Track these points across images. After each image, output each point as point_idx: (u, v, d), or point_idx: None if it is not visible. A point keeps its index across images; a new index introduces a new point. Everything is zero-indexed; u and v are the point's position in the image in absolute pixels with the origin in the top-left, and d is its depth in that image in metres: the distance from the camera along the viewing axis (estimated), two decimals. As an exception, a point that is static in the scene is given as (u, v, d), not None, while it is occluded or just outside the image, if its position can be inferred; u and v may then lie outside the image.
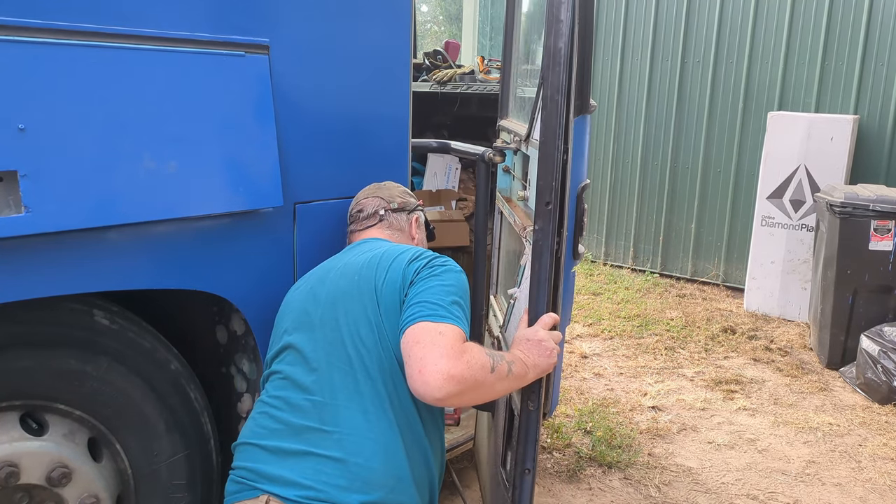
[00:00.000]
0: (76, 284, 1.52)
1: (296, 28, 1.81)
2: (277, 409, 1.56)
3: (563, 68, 1.60)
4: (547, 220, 1.67)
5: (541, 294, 1.70)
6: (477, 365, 1.44)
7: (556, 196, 1.66)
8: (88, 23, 1.44)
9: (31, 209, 1.36)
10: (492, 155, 2.22)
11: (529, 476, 1.78)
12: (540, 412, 1.76)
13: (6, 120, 1.33)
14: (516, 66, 2.66)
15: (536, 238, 1.70)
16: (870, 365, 3.94)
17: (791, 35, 5.45)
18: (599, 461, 3.21)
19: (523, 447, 1.78)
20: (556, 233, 1.69)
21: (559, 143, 1.63)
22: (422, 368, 1.39)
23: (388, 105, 2.10)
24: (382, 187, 2.00)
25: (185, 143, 1.59)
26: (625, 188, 6.52)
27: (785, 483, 3.12)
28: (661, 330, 4.96)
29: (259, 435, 1.56)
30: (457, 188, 4.01)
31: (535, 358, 1.61)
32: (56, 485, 1.61)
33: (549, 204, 1.66)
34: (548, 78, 1.62)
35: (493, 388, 1.50)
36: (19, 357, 1.56)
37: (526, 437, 1.77)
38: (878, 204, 4.14)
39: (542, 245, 1.69)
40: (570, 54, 1.60)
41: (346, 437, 1.49)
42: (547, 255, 1.69)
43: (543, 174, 1.66)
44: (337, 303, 1.61)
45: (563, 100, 1.62)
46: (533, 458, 1.78)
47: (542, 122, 1.65)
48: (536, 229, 1.69)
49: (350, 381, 1.53)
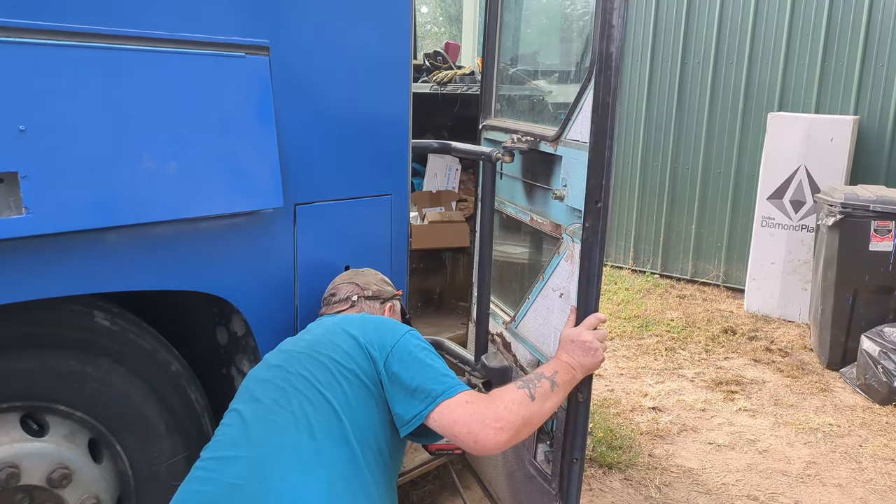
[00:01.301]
0: (76, 286, 1.52)
1: (296, 29, 1.81)
2: (209, 470, 1.48)
3: (615, 72, 1.69)
4: (597, 218, 1.76)
5: (591, 291, 1.79)
6: (515, 404, 1.53)
7: (605, 194, 1.75)
8: (89, 24, 1.44)
9: (31, 210, 1.36)
10: (500, 154, 2.22)
11: (577, 465, 1.87)
12: (589, 402, 1.84)
13: (7, 121, 1.33)
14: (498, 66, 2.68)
15: (587, 236, 1.78)
16: (870, 366, 3.94)
17: (791, 36, 5.45)
18: (600, 462, 3.21)
19: (572, 437, 1.87)
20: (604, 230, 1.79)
21: (610, 143, 1.72)
22: (476, 440, 1.48)
23: (389, 106, 2.10)
24: (360, 274, 1.98)
25: (186, 144, 1.59)
26: (625, 189, 6.52)
27: (785, 484, 3.12)
28: (662, 331, 4.95)
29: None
30: (457, 189, 4.01)
31: (580, 358, 1.71)
32: (56, 486, 1.61)
33: (598, 202, 1.75)
34: (599, 81, 1.70)
35: (543, 410, 1.59)
36: (20, 358, 1.56)
37: (576, 427, 1.86)
38: (879, 205, 4.14)
39: (591, 242, 1.77)
40: (621, 58, 1.70)
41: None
42: (597, 251, 1.78)
43: (594, 173, 1.75)
44: (298, 362, 1.59)
45: (615, 102, 1.71)
46: (582, 448, 1.88)
47: (593, 123, 1.73)
48: (587, 227, 1.77)
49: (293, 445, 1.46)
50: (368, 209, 2.10)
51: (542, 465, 2.10)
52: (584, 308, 1.81)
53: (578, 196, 1.85)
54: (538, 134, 2.17)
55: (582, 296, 1.81)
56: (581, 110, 1.88)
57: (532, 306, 2.20)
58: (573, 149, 1.94)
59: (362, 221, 2.10)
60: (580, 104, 1.88)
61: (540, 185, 2.22)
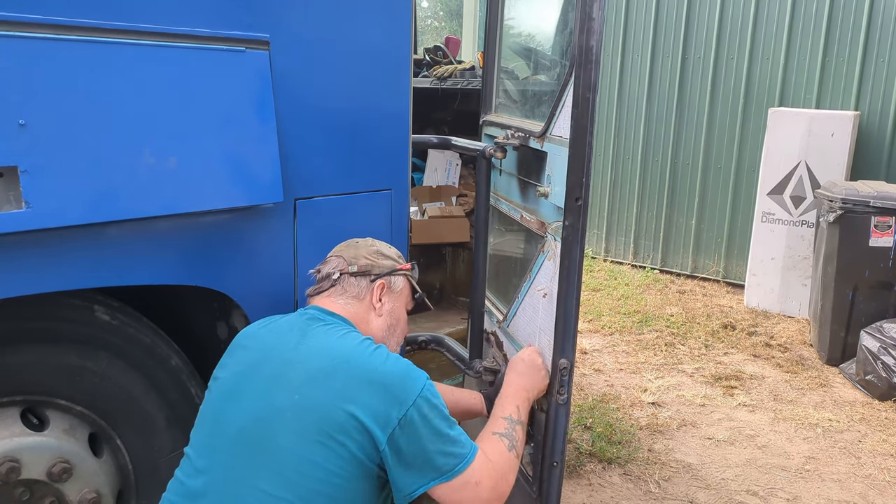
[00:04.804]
0: (76, 280, 1.52)
1: (296, 24, 1.81)
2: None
3: (596, 66, 1.63)
4: (577, 216, 1.71)
5: (570, 290, 1.74)
6: (503, 461, 1.54)
7: (586, 192, 1.70)
8: (88, 18, 1.43)
9: (31, 205, 1.36)
10: (493, 150, 2.20)
11: (557, 469, 1.81)
12: (569, 405, 1.81)
13: (7, 115, 1.33)
14: (499, 61, 2.66)
15: (566, 234, 1.73)
16: (870, 361, 3.94)
17: (792, 31, 5.44)
18: (599, 457, 3.22)
19: (552, 442, 1.81)
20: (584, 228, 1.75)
21: (590, 139, 1.67)
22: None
23: (389, 101, 2.10)
24: (352, 245, 1.78)
25: (186, 138, 1.58)
26: (625, 184, 6.51)
27: (784, 479, 3.12)
28: (662, 326, 4.96)
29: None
30: (457, 184, 4.01)
31: (532, 381, 1.75)
32: (57, 480, 1.61)
33: (578, 200, 1.70)
34: (580, 76, 1.64)
35: (520, 446, 1.63)
36: (20, 352, 1.57)
37: (555, 431, 1.80)
38: (879, 200, 4.14)
39: (571, 241, 1.73)
40: (600, 52, 1.64)
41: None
42: (577, 250, 1.73)
43: (574, 170, 1.69)
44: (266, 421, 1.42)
45: (595, 97, 1.66)
46: (562, 452, 1.82)
47: (573, 119, 1.67)
48: (567, 225, 1.72)
49: None
50: (368, 204, 2.10)
51: (524, 465, 2.07)
52: (563, 308, 1.75)
53: (561, 193, 1.81)
54: (529, 130, 2.14)
55: (562, 295, 1.76)
56: (563, 106, 1.84)
57: (521, 306, 2.17)
58: (557, 145, 1.90)
59: (362, 216, 2.09)
60: (563, 100, 1.84)
61: (531, 181, 2.19)
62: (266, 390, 1.45)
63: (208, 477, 1.42)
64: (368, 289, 1.71)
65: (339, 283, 1.69)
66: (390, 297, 1.75)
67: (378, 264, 1.74)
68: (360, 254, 1.74)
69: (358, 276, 1.70)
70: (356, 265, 1.71)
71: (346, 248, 1.77)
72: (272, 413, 1.41)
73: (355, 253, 1.74)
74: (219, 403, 1.50)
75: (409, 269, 1.81)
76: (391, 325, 1.75)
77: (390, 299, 1.75)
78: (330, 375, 1.42)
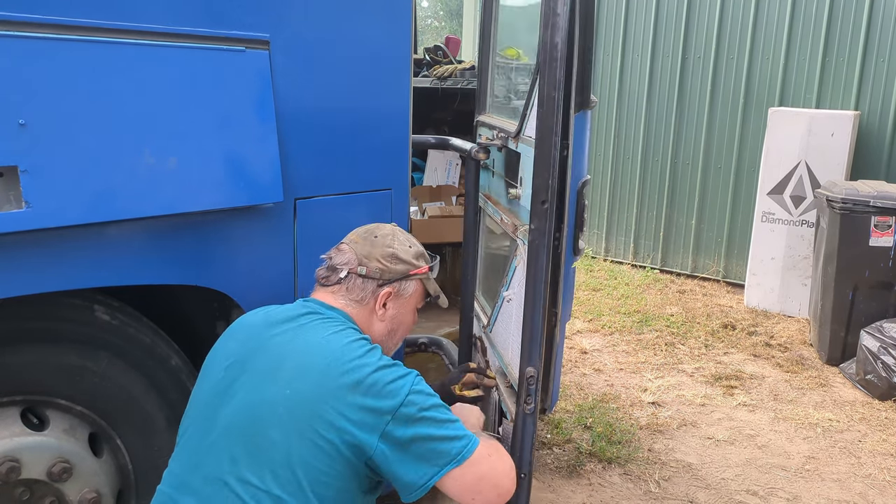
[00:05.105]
0: (76, 280, 1.52)
1: (296, 23, 1.81)
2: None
3: (560, 64, 1.54)
4: (543, 220, 1.61)
5: (537, 295, 1.64)
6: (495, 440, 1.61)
7: (552, 194, 1.60)
8: (88, 18, 1.43)
9: (31, 204, 1.36)
10: (476, 151, 2.17)
11: (525, 481, 1.70)
12: (537, 414, 1.70)
13: (7, 115, 1.33)
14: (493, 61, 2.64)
15: (532, 238, 1.63)
16: (870, 361, 3.94)
17: (792, 31, 5.44)
18: (599, 457, 3.22)
19: (520, 453, 1.70)
20: (554, 231, 1.65)
21: (556, 140, 1.58)
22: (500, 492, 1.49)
23: (389, 100, 2.10)
24: (370, 238, 1.70)
25: (186, 138, 1.58)
26: (625, 184, 6.51)
27: (784, 478, 3.13)
28: (661, 326, 4.96)
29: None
30: (457, 184, 4.01)
31: (475, 424, 1.79)
32: (57, 480, 1.61)
33: (545, 203, 1.60)
34: (544, 74, 1.56)
35: None
36: (20, 352, 1.57)
37: (523, 442, 1.70)
38: (879, 200, 4.14)
39: (538, 245, 1.62)
40: (568, 49, 1.56)
41: None
42: (543, 255, 1.62)
43: (540, 172, 1.60)
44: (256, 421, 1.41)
45: (560, 96, 1.56)
46: (530, 463, 1.71)
47: (538, 119, 1.60)
48: (532, 229, 1.62)
49: None
50: (368, 204, 2.10)
51: None
52: (531, 315, 1.65)
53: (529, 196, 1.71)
54: (508, 130, 2.11)
55: (529, 302, 1.65)
56: (533, 105, 1.77)
57: (500, 311, 2.12)
58: (528, 146, 1.84)
59: (362, 216, 2.09)
60: (531, 99, 1.78)
61: (512, 183, 2.13)
62: (258, 383, 1.44)
63: (199, 470, 1.42)
64: (374, 295, 1.66)
65: (344, 282, 1.65)
66: (396, 304, 1.70)
67: (389, 269, 1.67)
68: (374, 254, 1.67)
69: (365, 279, 1.65)
70: (366, 267, 1.65)
71: (362, 240, 1.69)
72: (264, 407, 1.40)
73: (369, 251, 1.67)
74: (210, 395, 1.49)
75: (424, 273, 1.74)
76: (392, 330, 1.73)
77: (395, 305, 1.70)
78: (321, 373, 1.41)
